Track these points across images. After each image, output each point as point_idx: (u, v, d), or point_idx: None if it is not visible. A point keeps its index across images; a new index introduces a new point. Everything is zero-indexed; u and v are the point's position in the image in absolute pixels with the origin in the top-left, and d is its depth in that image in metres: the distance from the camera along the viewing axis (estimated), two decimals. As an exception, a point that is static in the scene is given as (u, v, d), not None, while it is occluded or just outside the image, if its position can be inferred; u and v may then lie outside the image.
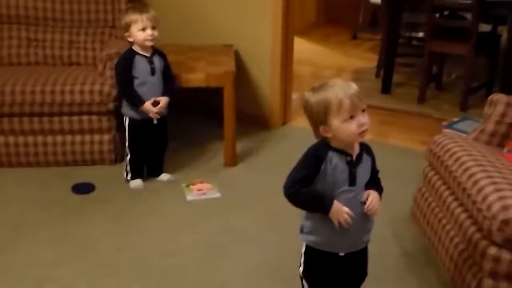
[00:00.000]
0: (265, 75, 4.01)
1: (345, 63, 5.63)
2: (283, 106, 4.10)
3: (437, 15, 4.72)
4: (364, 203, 1.79)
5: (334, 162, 1.73)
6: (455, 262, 2.17)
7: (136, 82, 3.05)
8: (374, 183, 1.84)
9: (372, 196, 1.79)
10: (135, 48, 3.06)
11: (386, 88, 4.73)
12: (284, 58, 3.97)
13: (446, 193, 2.34)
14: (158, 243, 2.74)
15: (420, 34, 5.21)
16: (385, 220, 2.93)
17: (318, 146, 1.78)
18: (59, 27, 3.79)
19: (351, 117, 1.69)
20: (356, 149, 1.77)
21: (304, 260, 1.90)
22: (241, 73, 3.95)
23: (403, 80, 5.03)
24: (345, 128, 1.70)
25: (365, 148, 1.81)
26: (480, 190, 2.06)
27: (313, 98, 1.74)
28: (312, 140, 1.81)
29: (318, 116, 1.73)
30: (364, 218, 1.82)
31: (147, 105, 3.05)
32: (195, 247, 2.72)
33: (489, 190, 2.03)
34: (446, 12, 4.83)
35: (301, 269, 1.92)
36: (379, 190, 1.85)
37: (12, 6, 3.75)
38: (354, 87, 1.73)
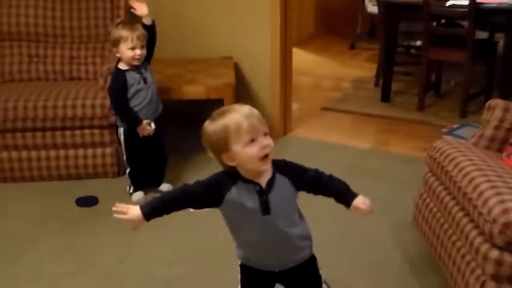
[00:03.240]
0: (264, 87, 4.04)
1: (344, 72, 5.67)
2: (283, 117, 4.13)
3: (434, 23, 4.77)
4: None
5: (240, 194, 1.70)
6: (458, 266, 2.18)
7: (131, 92, 3.05)
8: (324, 184, 1.79)
9: (359, 204, 1.76)
10: (121, 66, 3.05)
11: (386, 97, 4.76)
12: (283, 69, 4.01)
13: (447, 198, 2.35)
14: (161, 254, 2.76)
15: (418, 43, 5.24)
16: (388, 226, 2.95)
17: (224, 178, 1.72)
18: (59, 43, 3.83)
19: (252, 141, 1.64)
20: (266, 176, 1.71)
21: (240, 279, 1.92)
22: (241, 85, 3.99)
23: (402, 88, 5.07)
24: (247, 152, 1.64)
25: (277, 169, 1.74)
26: (480, 194, 2.08)
27: (212, 126, 1.69)
28: (314, 151, 1.80)
29: (219, 144, 1.67)
30: (286, 242, 1.78)
31: (144, 125, 3.07)
32: (199, 257, 2.73)
33: (489, 194, 2.04)
34: (443, 21, 4.88)
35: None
36: (342, 185, 1.80)
37: (13, 24, 3.79)
38: (253, 110, 1.70)
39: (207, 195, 1.73)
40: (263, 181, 1.71)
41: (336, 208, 1.87)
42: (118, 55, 3.05)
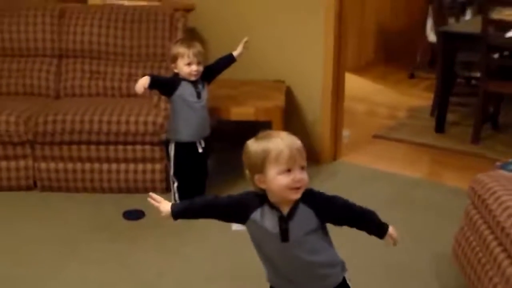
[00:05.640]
0: (316, 111, 4.06)
1: (401, 101, 5.62)
2: (333, 142, 4.14)
3: (497, 55, 4.68)
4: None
5: (263, 218, 1.73)
6: (492, 303, 2.13)
7: (183, 106, 3.18)
8: (356, 218, 1.81)
9: (392, 233, 1.82)
10: (180, 75, 3.22)
11: (440, 127, 4.69)
12: (335, 94, 4.03)
13: (486, 232, 2.31)
14: (199, 269, 2.82)
15: (479, 74, 5.16)
16: (429, 257, 2.93)
17: (253, 197, 1.77)
18: (119, 60, 3.99)
19: (288, 171, 1.68)
20: (289, 204, 1.74)
21: None
22: (293, 109, 4.03)
23: (459, 119, 4.98)
24: (279, 180, 1.68)
25: (302, 199, 1.74)
26: (518, 229, 2.04)
27: (255, 145, 1.75)
28: (362, 178, 1.82)
29: (256, 164, 1.72)
30: (308, 269, 1.79)
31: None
32: (235, 277, 2.77)
33: (527, 230, 2.00)
34: (506, 53, 4.78)
35: None
36: (371, 216, 1.83)
37: (78, 41, 3.99)
38: (297, 141, 1.73)
39: (234, 210, 1.79)
40: (286, 208, 1.74)
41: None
42: (176, 70, 3.21)
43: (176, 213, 1.88)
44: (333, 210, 1.79)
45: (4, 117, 3.47)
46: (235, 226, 3.20)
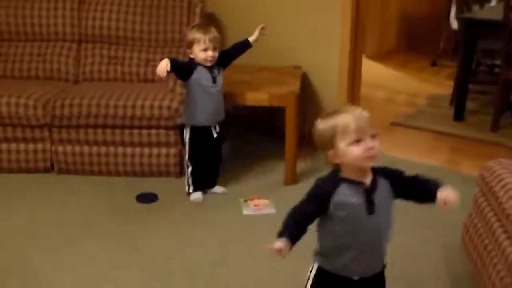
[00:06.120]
0: (332, 97, 4.05)
1: (421, 89, 5.57)
2: (350, 129, 4.12)
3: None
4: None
5: (345, 194, 1.72)
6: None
7: (199, 91, 3.20)
8: (420, 184, 1.79)
9: (445, 194, 1.74)
10: (196, 61, 3.23)
11: (459, 115, 4.64)
12: (351, 81, 4.01)
13: (493, 219, 2.29)
14: (208, 253, 2.85)
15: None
16: (441, 245, 2.94)
17: (326, 183, 1.76)
18: (137, 45, 4.03)
19: (358, 141, 1.69)
20: (369, 176, 1.75)
21: (311, 285, 1.90)
22: (309, 95, 4.03)
23: (479, 108, 4.92)
24: (351, 151, 1.70)
25: (378, 173, 1.77)
26: (523, 217, 2.02)
27: (322, 123, 1.77)
28: (378, 166, 1.81)
29: (326, 141, 1.74)
30: (380, 243, 1.80)
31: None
32: (245, 260, 2.80)
33: (532, 218, 1.98)
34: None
35: None
36: (432, 182, 1.79)
37: (97, 27, 4.03)
38: (363, 112, 1.75)
39: (318, 207, 1.75)
40: (367, 181, 1.75)
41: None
42: (191, 56, 3.23)
43: (292, 239, 1.75)
44: (405, 178, 1.80)
45: (23, 101, 3.54)
46: (246, 211, 3.26)
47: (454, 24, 5.98)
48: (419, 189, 1.81)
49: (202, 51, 3.18)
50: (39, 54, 4.05)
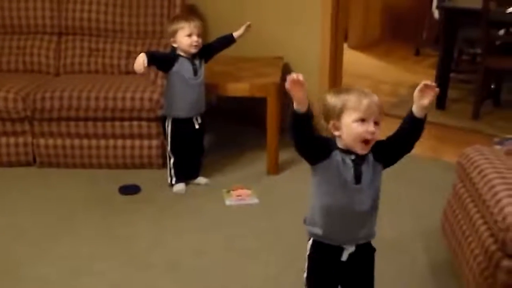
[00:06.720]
0: (314, 87, 4.05)
1: (404, 78, 5.59)
2: (332, 119, 4.13)
3: (502, 31, 4.63)
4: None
5: (339, 160, 1.76)
6: (473, 273, 2.15)
7: (179, 82, 3.19)
8: (397, 131, 1.84)
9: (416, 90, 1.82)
10: (179, 52, 3.21)
11: (441, 104, 4.67)
12: (333, 70, 4.02)
13: (470, 205, 2.32)
14: (190, 244, 2.86)
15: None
16: (419, 232, 2.95)
17: (331, 141, 1.81)
18: (118, 37, 4.02)
19: (363, 120, 1.73)
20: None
21: (308, 265, 1.94)
22: (291, 85, 4.03)
23: (461, 96, 4.96)
24: (353, 128, 1.73)
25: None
26: (498, 201, 2.04)
27: (333, 96, 1.80)
28: None
29: (333, 111, 1.77)
30: (367, 214, 1.84)
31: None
32: (226, 250, 2.81)
33: (507, 202, 2.00)
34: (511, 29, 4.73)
35: (304, 275, 1.95)
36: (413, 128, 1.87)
37: (77, 18, 4.01)
38: (376, 97, 1.78)
39: (322, 142, 1.79)
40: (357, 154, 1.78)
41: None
42: (175, 44, 3.21)
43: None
44: (383, 144, 1.82)
45: (3, 94, 3.52)
46: (229, 201, 3.27)
47: (436, 14, 6.01)
48: (398, 133, 1.85)
49: (187, 36, 3.15)
50: (19, 47, 4.03)
